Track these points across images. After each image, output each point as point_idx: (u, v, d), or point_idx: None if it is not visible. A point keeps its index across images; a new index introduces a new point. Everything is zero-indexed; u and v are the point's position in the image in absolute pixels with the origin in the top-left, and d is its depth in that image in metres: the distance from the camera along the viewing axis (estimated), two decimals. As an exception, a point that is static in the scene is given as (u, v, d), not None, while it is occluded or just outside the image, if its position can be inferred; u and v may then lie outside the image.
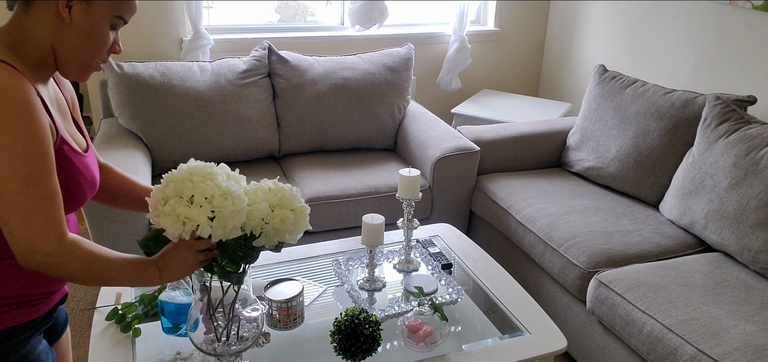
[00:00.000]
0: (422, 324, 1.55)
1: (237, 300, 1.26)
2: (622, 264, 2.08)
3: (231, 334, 1.26)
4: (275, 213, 1.18)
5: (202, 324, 1.52)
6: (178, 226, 1.09)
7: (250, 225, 1.17)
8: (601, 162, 2.61)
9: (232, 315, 1.25)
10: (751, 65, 2.62)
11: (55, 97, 1.15)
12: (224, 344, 1.27)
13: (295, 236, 1.21)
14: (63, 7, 1.02)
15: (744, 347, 1.64)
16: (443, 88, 3.68)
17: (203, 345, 1.27)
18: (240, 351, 1.29)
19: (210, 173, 1.15)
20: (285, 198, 1.20)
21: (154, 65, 2.62)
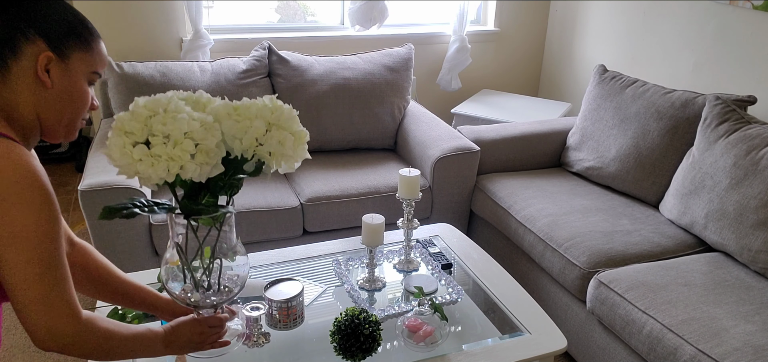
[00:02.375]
0: (422, 324, 1.55)
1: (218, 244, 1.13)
2: (622, 264, 2.08)
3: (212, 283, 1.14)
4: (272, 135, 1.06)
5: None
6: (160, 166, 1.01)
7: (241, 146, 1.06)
8: (601, 162, 2.61)
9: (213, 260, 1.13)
10: (751, 65, 2.62)
11: None
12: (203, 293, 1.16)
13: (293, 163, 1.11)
14: (42, 70, 0.99)
15: (744, 347, 1.64)
16: (443, 88, 3.68)
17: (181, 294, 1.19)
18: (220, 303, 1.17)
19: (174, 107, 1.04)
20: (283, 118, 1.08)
21: (154, 65, 2.62)
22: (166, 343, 1.15)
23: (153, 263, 2.29)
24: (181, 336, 1.16)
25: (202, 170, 1.05)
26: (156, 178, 1.04)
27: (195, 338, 1.17)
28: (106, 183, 2.12)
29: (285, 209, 2.40)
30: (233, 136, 1.08)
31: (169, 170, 1.03)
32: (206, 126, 1.05)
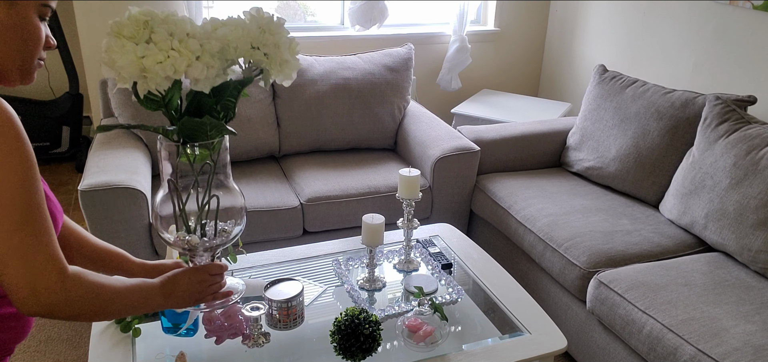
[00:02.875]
0: (422, 324, 1.55)
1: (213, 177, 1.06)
2: (622, 264, 2.08)
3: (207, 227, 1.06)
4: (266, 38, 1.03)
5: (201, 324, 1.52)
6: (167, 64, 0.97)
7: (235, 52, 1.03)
8: (601, 162, 2.61)
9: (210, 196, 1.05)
10: (751, 65, 2.62)
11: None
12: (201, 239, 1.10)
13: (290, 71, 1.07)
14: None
15: (744, 347, 1.64)
16: (443, 88, 3.68)
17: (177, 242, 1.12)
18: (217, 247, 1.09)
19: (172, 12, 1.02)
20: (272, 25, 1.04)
21: (154, 65, 2.62)
22: (165, 294, 1.07)
23: (153, 263, 2.29)
24: (179, 286, 1.08)
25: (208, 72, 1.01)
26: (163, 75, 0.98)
27: (195, 288, 1.09)
28: (106, 183, 2.12)
29: (285, 209, 2.40)
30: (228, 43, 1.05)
31: (176, 69, 0.98)
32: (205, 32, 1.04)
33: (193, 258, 1.17)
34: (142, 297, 1.04)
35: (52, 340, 2.29)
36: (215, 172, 1.09)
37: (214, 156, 1.09)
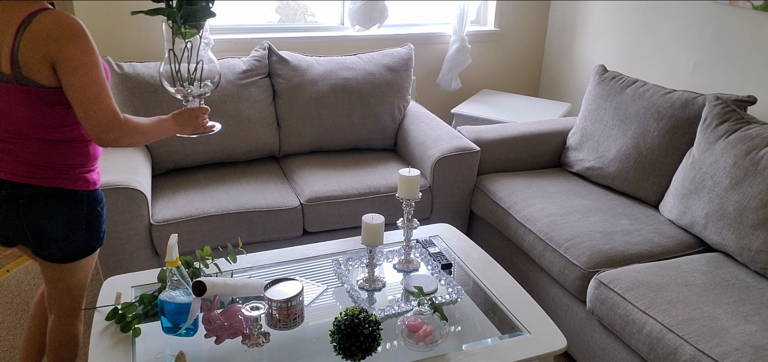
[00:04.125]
0: (422, 324, 1.55)
1: (201, 44, 1.59)
2: (622, 264, 2.08)
3: (195, 81, 1.64)
4: None
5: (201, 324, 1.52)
6: None
7: None
8: (601, 162, 2.61)
9: (198, 61, 1.61)
10: (751, 65, 2.62)
11: None
12: (189, 87, 1.64)
13: None
14: None
15: (744, 347, 1.64)
16: (443, 88, 3.68)
17: (178, 90, 1.64)
18: (202, 94, 1.67)
19: None
20: None
21: (154, 65, 2.62)
22: (176, 124, 1.63)
23: (153, 263, 2.29)
24: (183, 117, 1.64)
25: None
26: None
27: (191, 119, 1.65)
28: (106, 184, 2.12)
29: (285, 209, 2.40)
30: None
31: None
32: None
33: (187, 102, 1.68)
34: (163, 127, 1.61)
35: (52, 340, 2.29)
36: (200, 47, 1.63)
37: (200, 34, 1.60)
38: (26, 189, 1.51)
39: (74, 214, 1.56)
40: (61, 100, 1.46)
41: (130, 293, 1.77)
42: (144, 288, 1.80)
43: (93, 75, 1.41)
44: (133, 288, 1.79)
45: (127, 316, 1.59)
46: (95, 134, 1.45)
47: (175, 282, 1.52)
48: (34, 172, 1.51)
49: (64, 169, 1.54)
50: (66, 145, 1.53)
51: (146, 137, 1.56)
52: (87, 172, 1.58)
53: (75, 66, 1.39)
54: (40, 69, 1.40)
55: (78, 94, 1.41)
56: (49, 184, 1.52)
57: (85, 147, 1.57)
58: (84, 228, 1.59)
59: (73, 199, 1.55)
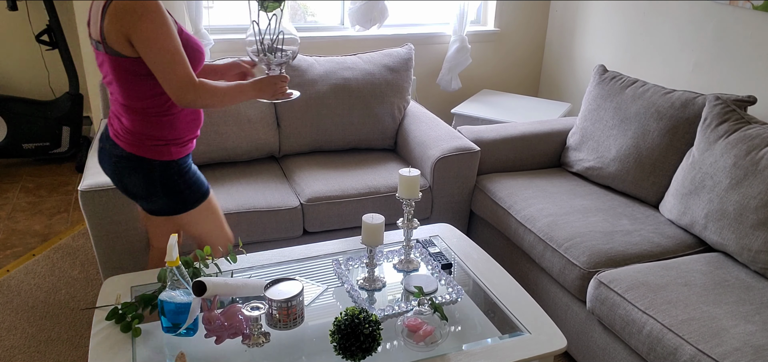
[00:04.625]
0: (422, 323, 1.55)
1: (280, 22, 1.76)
2: (622, 264, 2.08)
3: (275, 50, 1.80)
4: None
5: (201, 324, 1.52)
6: None
7: None
8: (601, 162, 2.61)
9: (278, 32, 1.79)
10: (751, 65, 2.62)
11: None
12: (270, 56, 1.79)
13: None
14: None
15: (744, 347, 1.64)
16: (443, 88, 3.68)
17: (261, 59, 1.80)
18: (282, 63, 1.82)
19: None
20: None
21: (154, 65, 2.62)
22: (255, 89, 1.77)
23: (153, 263, 2.29)
24: (263, 83, 1.78)
25: None
26: None
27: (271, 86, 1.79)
28: (106, 184, 2.12)
29: (285, 209, 2.40)
30: None
31: None
32: None
33: (269, 70, 1.82)
34: (241, 91, 1.74)
35: (52, 340, 2.29)
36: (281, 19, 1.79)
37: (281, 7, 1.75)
38: (116, 149, 1.75)
39: (149, 179, 1.75)
40: (140, 70, 1.63)
41: (130, 293, 1.77)
42: (144, 288, 1.80)
43: (164, 44, 1.57)
44: (133, 288, 1.79)
45: (127, 316, 1.59)
46: (174, 95, 1.62)
47: (175, 282, 1.52)
48: (122, 135, 1.73)
49: (141, 137, 1.72)
50: (144, 116, 1.70)
51: (222, 100, 1.70)
52: (161, 144, 1.74)
53: (147, 38, 1.56)
54: (119, 41, 1.58)
55: (154, 63, 1.58)
56: (128, 149, 1.73)
57: (159, 120, 1.72)
58: (161, 191, 1.77)
59: (146, 166, 1.74)
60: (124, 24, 1.54)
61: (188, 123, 1.78)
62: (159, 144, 1.73)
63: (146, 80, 1.65)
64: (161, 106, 1.70)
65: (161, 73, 1.59)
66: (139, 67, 1.62)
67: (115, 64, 1.62)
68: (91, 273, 2.72)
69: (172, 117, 1.73)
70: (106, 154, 1.79)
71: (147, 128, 1.71)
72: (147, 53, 1.57)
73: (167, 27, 1.58)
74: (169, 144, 1.75)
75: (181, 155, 1.78)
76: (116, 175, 1.79)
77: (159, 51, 1.57)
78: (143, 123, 1.70)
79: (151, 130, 1.71)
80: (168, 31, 1.58)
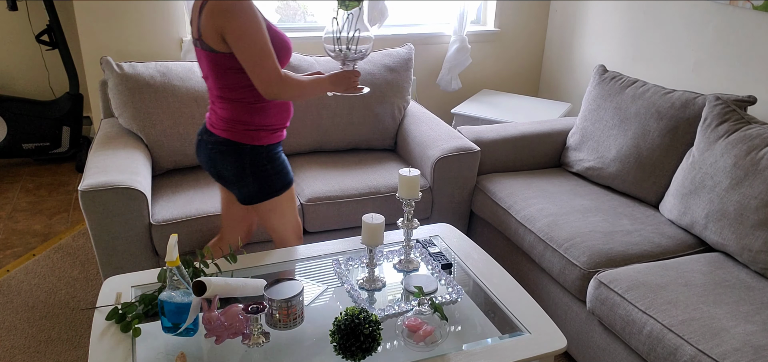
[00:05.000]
0: (422, 323, 1.55)
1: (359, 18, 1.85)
2: (622, 264, 2.08)
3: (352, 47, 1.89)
4: None
5: (201, 324, 1.52)
6: None
7: None
8: (601, 162, 2.61)
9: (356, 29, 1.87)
10: (751, 65, 2.62)
11: None
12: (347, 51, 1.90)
13: None
14: None
15: (744, 347, 1.64)
16: (443, 88, 3.68)
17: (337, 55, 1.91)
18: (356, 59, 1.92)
19: None
20: None
21: (154, 65, 2.62)
22: (331, 82, 1.87)
23: (153, 263, 2.29)
24: (339, 77, 1.88)
25: None
26: None
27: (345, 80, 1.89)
28: (106, 184, 2.12)
29: (285, 209, 2.40)
30: None
31: None
32: None
33: (344, 65, 1.93)
34: (319, 85, 1.85)
35: (52, 340, 2.29)
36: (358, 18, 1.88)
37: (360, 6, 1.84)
38: (212, 137, 1.89)
39: (239, 163, 1.88)
40: (232, 65, 1.77)
41: (130, 293, 1.77)
42: (144, 288, 1.80)
43: (255, 40, 1.70)
44: (133, 288, 1.79)
45: (127, 316, 1.59)
46: (261, 88, 1.74)
47: (175, 282, 1.52)
48: (217, 124, 1.87)
49: (233, 124, 1.85)
50: (237, 105, 1.84)
51: (303, 92, 1.82)
52: (253, 130, 1.87)
53: (239, 35, 1.68)
54: (213, 37, 1.72)
55: (244, 57, 1.71)
56: (222, 135, 1.87)
57: (251, 108, 1.85)
58: (250, 176, 1.90)
59: (237, 150, 1.87)
60: (218, 21, 1.68)
61: (279, 112, 1.91)
62: (250, 129, 1.86)
63: (238, 74, 1.79)
64: (253, 96, 1.84)
65: (250, 68, 1.72)
66: (232, 61, 1.76)
67: (211, 59, 1.77)
68: (91, 273, 2.72)
69: (264, 105, 1.86)
70: (203, 144, 1.92)
71: (240, 115, 1.84)
72: (238, 49, 1.70)
73: (258, 24, 1.70)
74: (260, 130, 1.88)
75: (271, 141, 1.91)
76: (211, 161, 1.91)
77: (249, 47, 1.69)
78: (237, 111, 1.84)
79: (244, 117, 1.85)
80: (258, 27, 1.70)
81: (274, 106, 1.89)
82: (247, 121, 1.85)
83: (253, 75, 1.73)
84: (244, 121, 1.85)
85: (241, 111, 1.84)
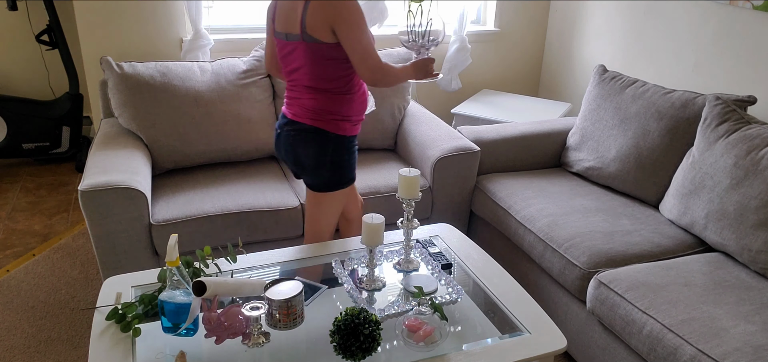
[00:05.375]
0: (422, 324, 1.55)
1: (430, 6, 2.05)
2: (622, 264, 2.08)
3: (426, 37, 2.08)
4: None
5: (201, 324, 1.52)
6: None
7: None
8: (601, 162, 2.61)
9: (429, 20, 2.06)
10: (751, 65, 2.62)
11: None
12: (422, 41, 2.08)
13: None
14: None
15: (744, 347, 1.64)
16: (443, 88, 3.68)
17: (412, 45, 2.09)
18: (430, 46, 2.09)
19: None
20: None
21: (154, 65, 2.62)
22: (414, 69, 2.05)
23: (153, 263, 2.29)
24: (419, 64, 2.06)
25: None
26: None
27: (424, 67, 2.07)
28: (106, 184, 2.12)
29: (285, 209, 2.40)
30: None
31: None
32: None
33: (419, 54, 2.09)
34: (406, 73, 2.02)
35: (52, 340, 2.29)
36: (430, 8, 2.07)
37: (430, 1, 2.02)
38: (298, 125, 2.01)
39: (322, 150, 2.00)
40: (334, 55, 1.91)
41: (130, 293, 1.77)
42: (144, 288, 1.80)
43: (363, 31, 1.87)
44: (133, 288, 1.79)
45: (127, 316, 1.59)
46: (367, 76, 1.91)
47: (175, 282, 1.52)
48: (303, 114, 1.99)
49: (323, 113, 1.98)
50: (334, 96, 1.98)
51: (397, 79, 1.99)
52: (339, 119, 2.00)
53: (350, 26, 1.85)
54: (322, 30, 1.86)
55: (353, 47, 1.87)
56: (309, 123, 1.99)
57: (346, 98, 1.99)
58: (328, 164, 2.02)
59: (323, 138, 2.00)
60: (330, 15, 1.84)
61: (359, 104, 2.05)
62: (337, 118, 1.99)
63: (336, 63, 1.94)
64: (343, 86, 1.98)
65: (359, 56, 1.88)
66: (333, 52, 1.91)
67: (312, 51, 1.91)
68: (91, 273, 2.72)
69: (350, 97, 2.00)
70: (283, 135, 2.05)
71: (328, 105, 1.97)
72: (349, 38, 1.86)
73: (364, 18, 1.89)
74: (345, 120, 2.01)
75: (352, 132, 2.06)
76: (292, 147, 2.03)
77: (359, 38, 1.87)
78: (326, 100, 1.97)
79: (332, 107, 1.98)
80: (364, 21, 1.89)
81: (356, 99, 2.03)
82: (335, 111, 1.98)
83: (360, 63, 1.88)
84: (332, 111, 1.98)
85: (329, 101, 1.97)
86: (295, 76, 2.00)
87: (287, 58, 2.00)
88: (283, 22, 1.96)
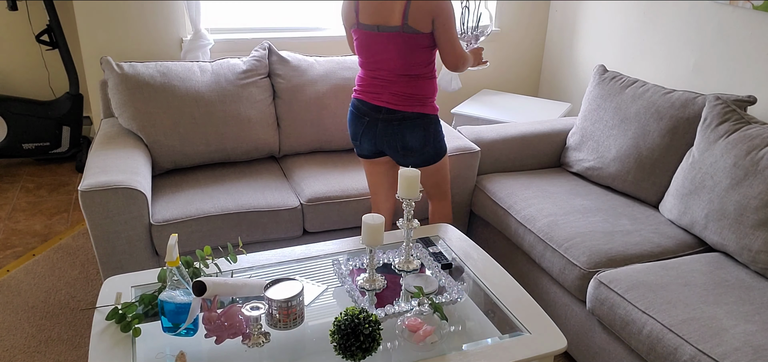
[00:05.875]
0: (422, 324, 1.55)
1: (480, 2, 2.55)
2: (622, 264, 2.08)
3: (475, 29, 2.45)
4: None
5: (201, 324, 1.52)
6: None
7: None
8: (601, 162, 2.61)
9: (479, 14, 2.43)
10: (751, 65, 2.62)
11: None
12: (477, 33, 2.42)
13: None
14: None
15: (744, 347, 1.64)
16: (443, 88, 3.68)
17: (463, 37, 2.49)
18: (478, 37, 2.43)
19: None
20: None
21: (154, 65, 2.62)
22: (471, 55, 2.31)
23: (153, 263, 2.29)
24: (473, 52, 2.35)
25: None
26: None
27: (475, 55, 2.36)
28: (106, 184, 2.12)
29: (285, 209, 2.40)
30: None
31: None
32: None
33: (469, 45, 2.41)
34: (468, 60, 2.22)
35: (52, 340, 2.29)
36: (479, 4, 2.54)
37: None
38: (397, 114, 2.16)
39: (427, 131, 2.20)
40: (426, 44, 2.10)
41: (130, 293, 1.77)
42: (144, 288, 1.80)
43: (454, 23, 2.10)
44: (133, 288, 1.79)
45: (127, 316, 1.59)
46: (452, 61, 2.14)
47: (175, 282, 1.53)
48: (401, 102, 2.15)
49: (421, 98, 2.17)
50: (422, 80, 2.16)
51: (467, 65, 2.23)
52: (431, 100, 2.21)
53: (447, 17, 2.06)
54: (424, 21, 2.05)
55: (447, 37, 2.09)
56: (411, 110, 2.16)
57: (432, 82, 2.20)
58: (431, 142, 2.22)
59: (426, 121, 2.19)
60: (433, 7, 2.03)
61: (436, 85, 2.25)
62: (430, 100, 2.20)
63: (426, 51, 2.12)
64: (430, 72, 2.18)
65: (450, 45, 2.10)
66: (427, 41, 2.10)
67: (410, 41, 2.08)
68: (91, 273, 2.72)
69: (433, 80, 2.21)
70: (381, 122, 2.19)
71: (422, 90, 2.17)
72: (445, 29, 2.07)
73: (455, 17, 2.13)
74: (434, 100, 2.23)
75: (438, 110, 2.26)
76: (398, 134, 2.18)
77: (452, 28, 2.09)
78: (418, 86, 2.16)
79: (425, 91, 2.17)
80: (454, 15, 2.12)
81: (435, 81, 2.24)
82: (428, 94, 2.19)
83: (450, 51, 2.11)
84: (426, 94, 2.18)
85: (421, 85, 2.16)
86: (382, 64, 2.14)
87: (372, 47, 2.13)
88: (373, 15, 2.09)
